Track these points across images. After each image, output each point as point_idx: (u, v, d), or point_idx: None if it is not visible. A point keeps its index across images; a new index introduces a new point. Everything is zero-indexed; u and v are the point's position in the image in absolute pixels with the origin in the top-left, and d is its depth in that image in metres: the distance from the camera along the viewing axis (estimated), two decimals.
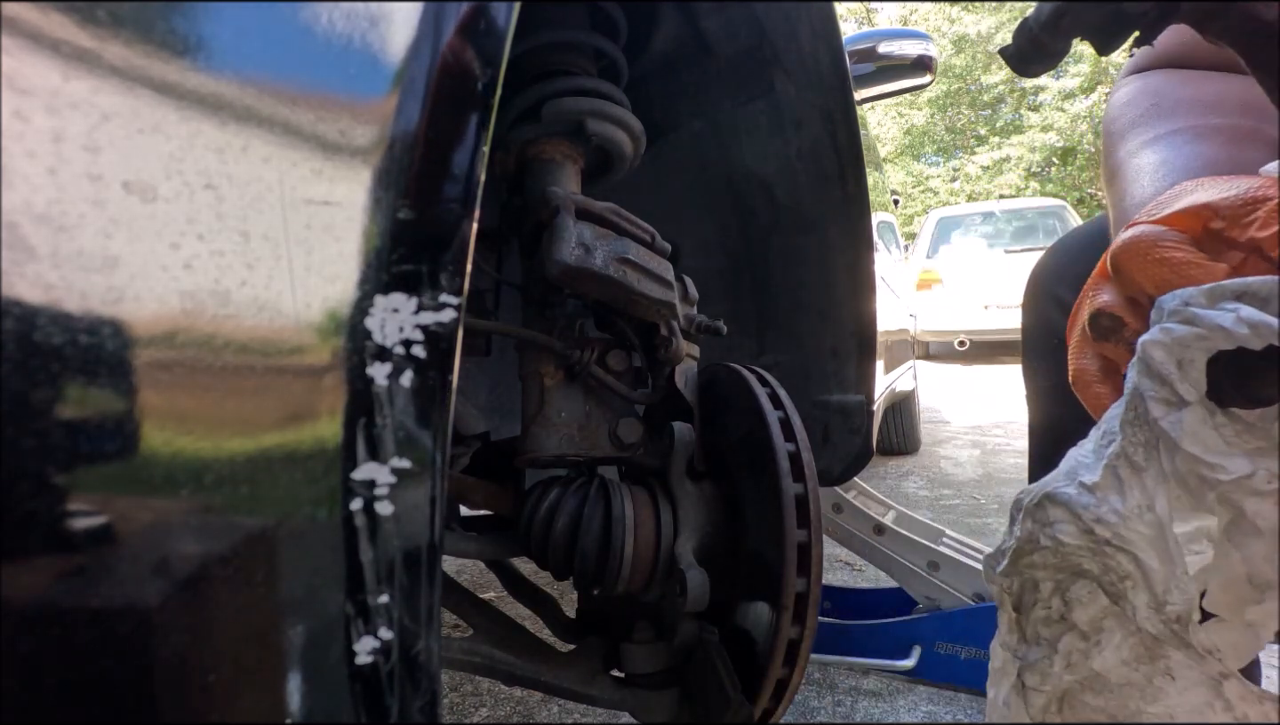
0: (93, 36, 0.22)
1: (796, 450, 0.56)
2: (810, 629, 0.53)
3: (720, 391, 0.65)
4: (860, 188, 0.95)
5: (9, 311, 0.20)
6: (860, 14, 15.93)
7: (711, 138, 1.00)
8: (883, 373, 1.77)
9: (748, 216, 1.05)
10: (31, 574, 0.21)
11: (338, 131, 0.27)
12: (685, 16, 0.85)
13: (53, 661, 0.21)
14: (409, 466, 0.28)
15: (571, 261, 0.56)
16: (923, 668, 1.19)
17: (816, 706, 1.22)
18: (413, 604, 0.28)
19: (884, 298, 1.71)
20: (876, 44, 2.14)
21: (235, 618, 0.25)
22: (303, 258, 0.26)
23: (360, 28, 0.28)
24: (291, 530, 0.26)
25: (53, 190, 0.21)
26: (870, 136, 2.74)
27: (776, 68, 0.88)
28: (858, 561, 1.93)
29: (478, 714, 1.22)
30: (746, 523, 0.61)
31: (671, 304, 0.61)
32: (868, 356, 1.05)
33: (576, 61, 0.73)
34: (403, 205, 0.29)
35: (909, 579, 1.28)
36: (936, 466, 3.32)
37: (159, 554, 0.23)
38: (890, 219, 3.55)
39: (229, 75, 0.25)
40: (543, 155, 0.69)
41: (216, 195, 0.24)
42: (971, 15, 14.25)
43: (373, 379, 0.28)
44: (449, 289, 0.30)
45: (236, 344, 0.25)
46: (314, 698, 0.26)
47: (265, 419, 0.25)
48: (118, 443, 0.22)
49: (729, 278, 1.11)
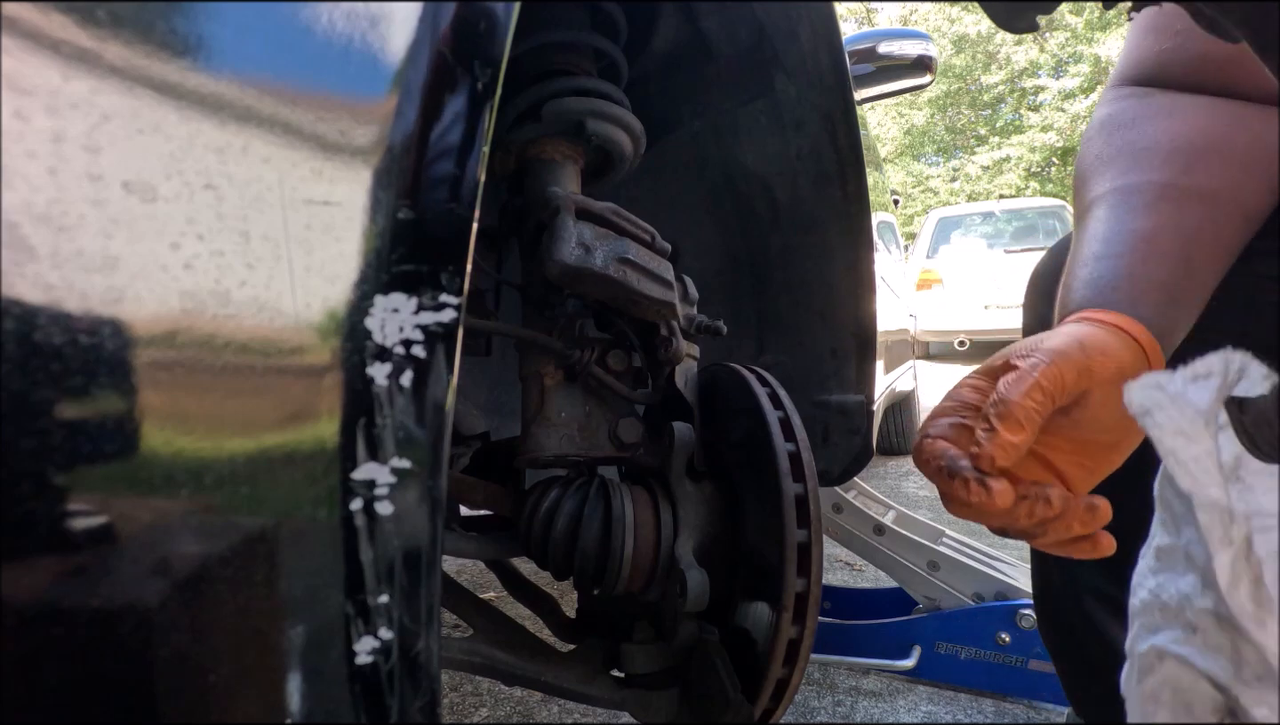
0: (93, 36, 0.22)
1: (796, 450, 0.56)
2: (810, 629, 0.53)
3: (720, 391, 0.65)
4: (860, 188, 0.95)
5: (9, 311, 0.20)
6: (860, 14, 15.93)
7: (711, 138, 1.00)
8: (883, 373, 1.77)
9: (748, 216, 1.05)
10: (31, 574, 0.21)
11: (338, 131, 0.27)
12: (685, 16, 0.85)
13: (53, 661, 0.21)
14: (409, 466, 0.28)
15: (571, 261, 0.56)
16: (923, 668, 1.20)
17: (816, 706, 1.22)
18: (413, 604, 0.28)
19: (884, 298, 1.71)
20: (876, 44, 2.14)
21: (235, 618, 0.25)
22: (303, 258, 0.26)
23: (360, 28, 0.28)
24: (291, 530, 0.26)
25: (53, 190, 0.21)
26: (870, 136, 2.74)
27: (776, 68, 0.88)
28: (858, 561, 1.93)
29: (478, 714, 1.22)
30: (746, 523, 0.61)
31: (671, 304, 0.61)
32: (868, 356, 1.05)
33: (576, 61, 0.73)
34: (403, 205, 0.29)
35: (909, 579, 1.28)
36: None
37: (159, 554, 0.23)
38: (890, 219, 3.54)
39: (229, 75, 0.25)
40: (543, 155, 0.69)
41: (216, 195, 0.24)
42: (971, 15, 14.23)
43: (373, 379, 0.28)
44: (449, 289, 0.30)
45: (236, 344, 0.25)
46: (314, 698, 0.26)
47: (265, 419, 0.25)
48: (118, 443, 0.22)
49: (729, 278, 1.11)
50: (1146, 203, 0.52)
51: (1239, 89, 0.55)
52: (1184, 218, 0.52)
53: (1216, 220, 0.53)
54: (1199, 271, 0.52)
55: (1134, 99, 0.59)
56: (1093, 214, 0.55)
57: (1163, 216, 0.52)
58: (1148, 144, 0.55)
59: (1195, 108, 0.56)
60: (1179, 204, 0.52)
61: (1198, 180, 0.52)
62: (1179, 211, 0.52)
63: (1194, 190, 0.52)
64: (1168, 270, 0.50)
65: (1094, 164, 0.58)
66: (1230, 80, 0.55)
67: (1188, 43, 0.56)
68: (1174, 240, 0.51)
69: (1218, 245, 0.53)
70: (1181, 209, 0.52)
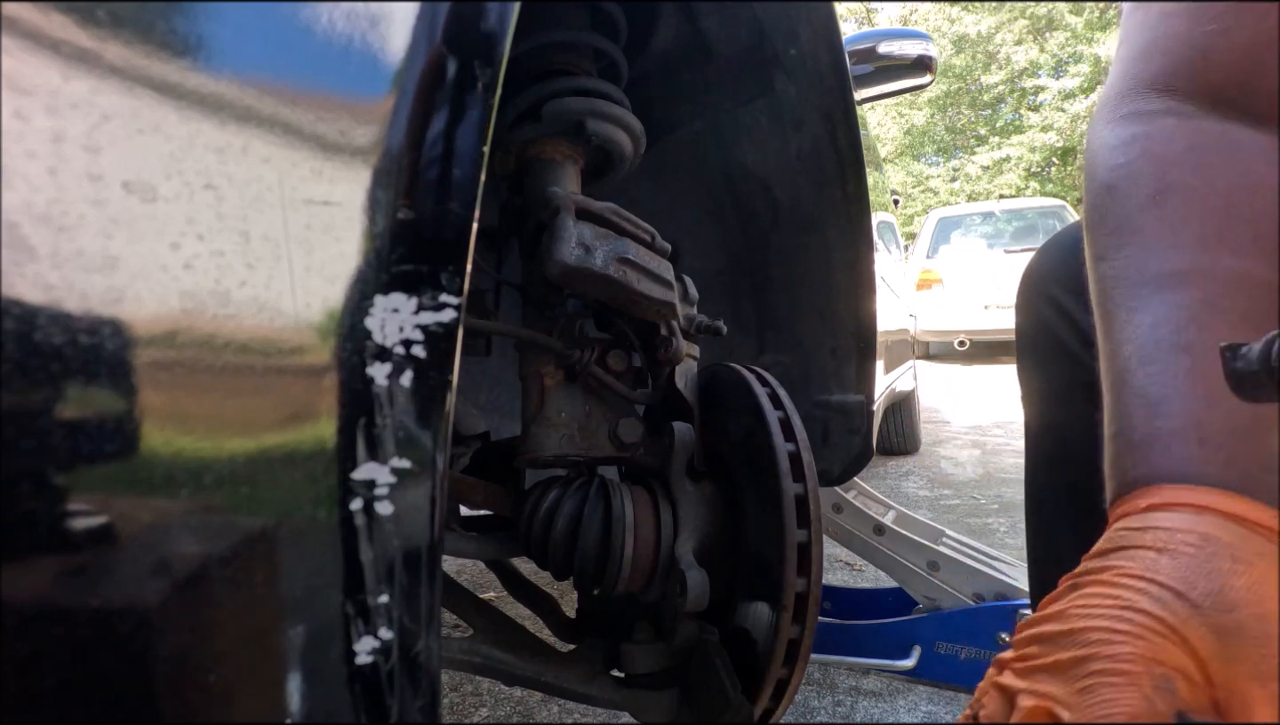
0: (93, 36, 0.22)
1: (796, 450, 0.56)
2: (810, 629, 0.53)
3: (720, 391, 0.65)
4: (860, 188, 0.95)
5: (9, 311, 0.20)
6: (860, 14, 15.94)
7: (711, 138, 1.00)
8: (883, 373, 1.77)
9: (748, 216, 1.05)
10: (31, 574, 0.21)
11: (338, 131, 0.27)
12: (685, 16, 0.85)
13: (53, 661, 0.21)
14: (409, 466, 0.28)
15: (571, 261, 0.56)
16: (923, 668, 1.19)
17: (816, 706, 1.22)
18: (413, 604, 0.28)
19: (884, 298, 1.71)
20: (876, 44, 2.14)
21: (235, 618, 0.25)
22: (303, 258, 0.26)
23: (360, 28, 0.28)
24: (291, 530, 0.26)
25: (53, 190, 0.21)
26: (870, 136, 2.74)
27: (776, 68, 0.88)
28: (858, 561, 1.93)
29: (478, 714, 1.22)
30: (746, 523, 0.61)
31: (671, 304, 0.61)
32: (868, 356, 1.05)
33: (576, 61, 0.73)
34: (402, 205, 0.29)
35: (909, 579, 1.28)
36: (936, 466, 3.32)
37: (159, 554, 0.23)
38: (890, 219, 3.54)
39: (229, 75, 0.25)
40: (543, 155, 0.69)
41: (216, 195, 0.24)
42: (971, 15, 14.24)
43: (373, 379, 0.28)
44: (449, 289, 0.30)
45: (236, 344, 0.25)
46: (314, 698, 0.26)
47: (265, 419, 0.25)
48: (118, 443, 0.22)
49: (729, 278, 1.11)
50: (1251, 313, 0.38)
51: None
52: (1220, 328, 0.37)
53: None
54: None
55: (1173, 118, 0.43)
56: (1169, 298, 0.39)
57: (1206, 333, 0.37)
58: (1224, 205, 0.40)
59: (1251, 149, 0.41)
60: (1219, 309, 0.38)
61: (1250, 257, 0.39)
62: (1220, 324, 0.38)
63: (1243, 281, 0.39)
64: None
65: (1147, 209, 0.42)
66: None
67: (1238, 25, 0.41)
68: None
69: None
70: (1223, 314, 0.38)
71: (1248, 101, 0.41)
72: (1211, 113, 0.42)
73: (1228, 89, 0.42)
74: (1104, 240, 0.44)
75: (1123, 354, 0.40)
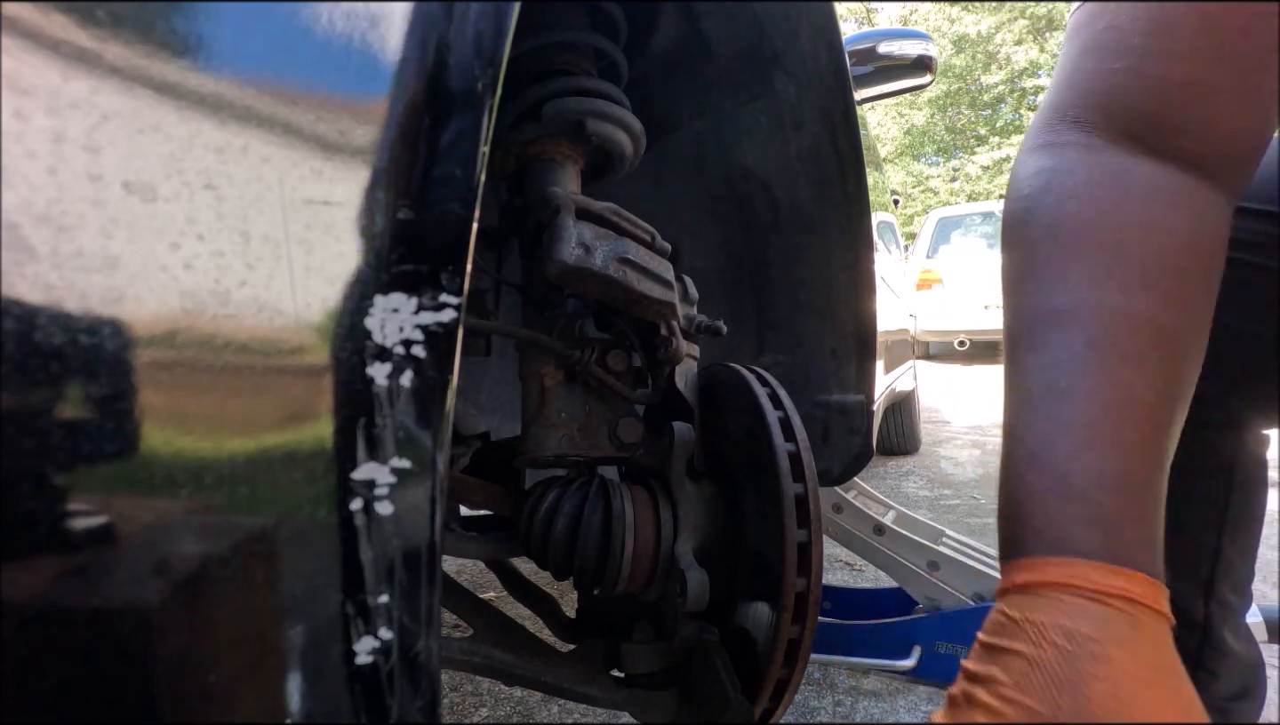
0: (93, 36, 0.22)
1: (796, 450, 0.56)
2: (810, 629, 0.53)
3: (720, 391, 0.65)
4: (860, 188, 0.95)
5: (9, 311, 0.20)
6: (860, 14, 15.94)
7: (711, 138, 1.00)
8: (883, 373, 1.77)
9: (748, 216, 1.05)
10: (31, 574, 0.21)
11: (338, 131, 0.27)
12: (685, 16, 0.85)
13: (53, 661, 0.21)
14: (409, 466, 0.28)
15: (571, 261, 0.56)
16: (923, 668, 1.19)
17: (816, 706, 1.22)
18: (413, 604, 0.28)
19: (884, 298, 1.71)
20: (876, 44, 2.15)
21: (235, 618, 0.25)
22: (303, 258, 0.26)
23: (360, 28, 0.28)
24: (291, 530, 0.26)
25: (53, 190, 0.21)
26: (870, 136, 2.74)
27: (776, 68, 0.88)
28: (858, 561, 1.93)
29: (478, 714, 1.22)
30: (746, 523, 0.61)
31: (671, 304, 0.61)
32: (868, 356, 1.05)
33: (576, 61, 0.73)
34: (402, 205, 0.29)
35: (909, 579, 1.28)
36: (936, 466, 3.32)
37: (159, 554, 0.23)
38: (890, 219, 3.55)
39: (229, 75, 0.25)
40: (543, 155, 0.69)
41: (216, 195, 0.24)
42: (971, 15, 14.24)
43: (373, 379, 0.28)
44: (449, 289, 0.30)
45: (236, 344, 0.25)
46: (314, 698, 0.26)
47: (265, 419, 0.25)
48: (118, 443, 0.22)
49: (729, 278, 1.11)
50: (1133, 353, 0.38)
51: (1203, 135, 0.41)
52: (1170, 381, 0.39)
53: (1189, 376, 0.40)
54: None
55: (1078, 151, 0.43)
56: (1055, 338, 0.40)
57: (1154, 377, 0.38)
58: (1115, 241, 0.40)
59: (1160, 193, 0.41)
60: (1168, 360, 0.39)
61: (1175, 317, 0.39)
62: (1166, 367, 0.39)
63: (1173, 333, 0.39)
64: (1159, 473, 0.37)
65: (1044, 242, 0.42)
66: (1190, 122, 0.41)
67: (1144, 64, 0.41)
68: (1162, 411, 0.38)
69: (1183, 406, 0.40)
70: (1168, 366, 0.39)
71: (1158, 139, 0.41)
72: (1119, 147, 0.42)
73: (1134, 126, 0.42)
74: (1010, 272, 0.45)
75: (1014, 399, 0.41)
